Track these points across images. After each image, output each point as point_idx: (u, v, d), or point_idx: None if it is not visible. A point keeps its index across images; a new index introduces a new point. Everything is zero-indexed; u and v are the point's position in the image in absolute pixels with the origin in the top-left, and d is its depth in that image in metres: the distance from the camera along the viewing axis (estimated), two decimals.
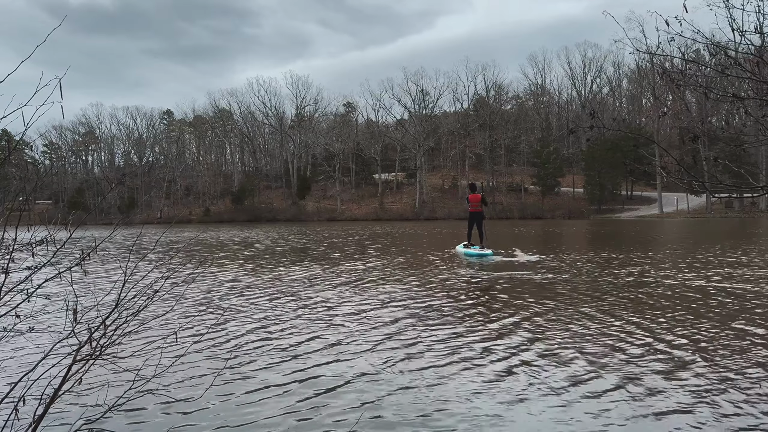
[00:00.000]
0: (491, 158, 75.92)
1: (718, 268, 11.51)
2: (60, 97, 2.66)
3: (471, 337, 5.98)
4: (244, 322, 6.99)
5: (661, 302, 7.77)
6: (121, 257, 14.67)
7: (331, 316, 7.22)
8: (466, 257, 14.93)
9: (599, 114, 20.97)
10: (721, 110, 50.25)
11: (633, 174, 66.64)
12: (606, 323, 6.48)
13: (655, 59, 4.60)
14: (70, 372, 2.72)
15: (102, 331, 2.82)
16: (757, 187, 4.05)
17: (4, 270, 2.74)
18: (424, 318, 7.00)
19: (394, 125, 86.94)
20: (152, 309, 4.26)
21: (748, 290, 8.62)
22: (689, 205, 59.75)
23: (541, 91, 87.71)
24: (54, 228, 3.02)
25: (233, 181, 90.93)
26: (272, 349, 5.60)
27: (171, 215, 77.72)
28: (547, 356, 5.17)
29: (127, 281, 3.00)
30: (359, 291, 9.37)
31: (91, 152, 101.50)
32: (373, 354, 5.36)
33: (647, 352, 5.22)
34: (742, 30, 3.55)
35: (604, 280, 10.12)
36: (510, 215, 65.83)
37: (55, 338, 3.25)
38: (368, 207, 77.72)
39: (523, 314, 7.10)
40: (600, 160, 64.10)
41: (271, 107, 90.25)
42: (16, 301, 2.84)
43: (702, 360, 4.95)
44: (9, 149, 3.03)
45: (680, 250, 16.22)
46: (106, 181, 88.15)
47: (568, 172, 72.36)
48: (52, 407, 2.78)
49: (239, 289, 9.86)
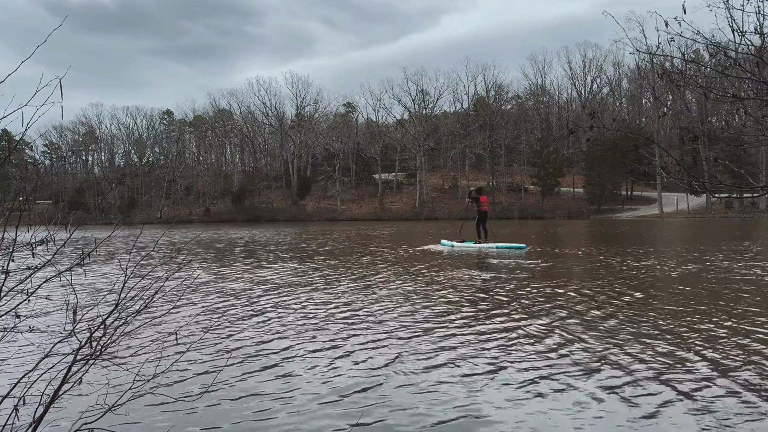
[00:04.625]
0: (491, 158, 75.91)
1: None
2: (60, 97, 2.66)
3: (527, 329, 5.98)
4: (244, 322, 6.99)
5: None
6: (122, 257, 14.67)
7: (331, 317, 7.21)
8: (499, 249, 16.68)
9: (599, 114, 20.89)
10: (721, 110, 50.22)
11: (633, 174, 66.62)
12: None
13: (655, 59, 4.60)
14: (70, 372, 2.71)
15: (102, 331, 2.82)
16: (757, 187, 4.05)
17: (4, 270, 2.74)
18: (479, 305, 7.00)
19: (394, 125, 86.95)
20: (152, 309, 4.26)
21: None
22: (689, 205, 59.75)
23: (541, 91, 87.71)
24: (54, 228, 3.02)
25: (233, 181, 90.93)
26: (273, 350, 5.60)
27: (171, 215, 77.67)
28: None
29: (127, 281, 3.00)
30: (362, 291, 9.37)
31: (91, 152, 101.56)
32: (374, 354, 5.36)
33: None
34: (742, 30, 3.55)
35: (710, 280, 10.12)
36: (510, 215, 65.83)
37: (55, 338, 3.25)
38: (368, 207, 77.73)
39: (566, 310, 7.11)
40: (600, 160, 64.10)
41: (271, 107, 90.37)
42: (16, 301, 2.84)
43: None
44: (9, 149, 3.02)
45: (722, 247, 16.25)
46: (106, 181, 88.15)
47: (568, 172, 72.34)
48: (52, 407, 2.78)
49: (240, 289, 9.85)
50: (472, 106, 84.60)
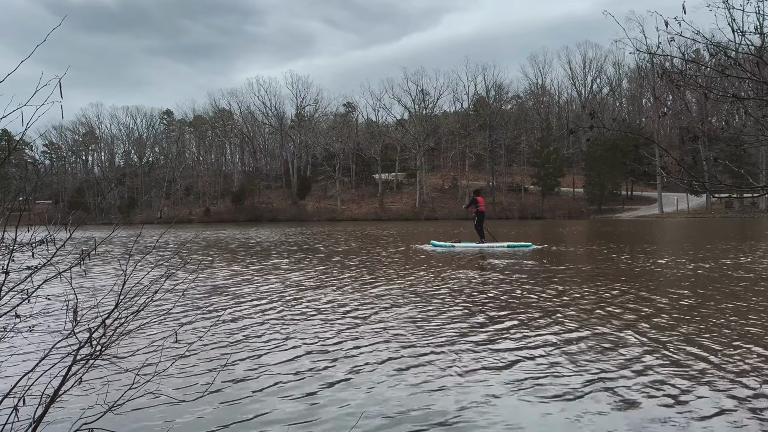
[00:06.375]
0: (491, 158, 75.93)
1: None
2: (60, 97, 2.66)
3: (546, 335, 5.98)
4: (244, 322, 6.98)
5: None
6: (122, 257, 14.67)
7: (333, 317, 7.21)
8: (510, 248, 17.35)
9: (599, 114, 20.91)
10: (721, 110, 50.26)
11: (633, 174, 66.67)
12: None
13: (655, 59, 4.60)
14: (70, 372, 2.71)
15: (102, 331, 2.82)
16: (757, 187, 4.05)
17: (4, 270, 2.74)
18: (488, 308, 7.01)
19: (394, 125, 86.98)
20: (153, 309, 4.26)
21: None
22: (689, 205, 59.78)
23: (541, 91, 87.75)
24: (54, 228, 3.02)
25: (233, 181, 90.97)
26: (273, 350, 5.59)
27: (171, 215, 77.69)
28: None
29: (127, 281, 3.00)
30: (364, 292, 9.37)
31: (91, 152, 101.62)
32: (378, 356, 5.36)
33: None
34: (742, 30, 3.55)
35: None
36: (510, 215, 65.85)
37: (55, 338, 3.25)
38: (368, 207, 77.76)
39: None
40: (600, 160, 64.14)
41: (271, 107, 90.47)
42: (16, 301, 2.84)
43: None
44: (9, 149, 3.03)
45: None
46: (106, 181, 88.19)
47: (568, 172, 72.38)
48: (52, 407, 2.78)
49: (240, 289, 9.85)
50: (472, 106, 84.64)
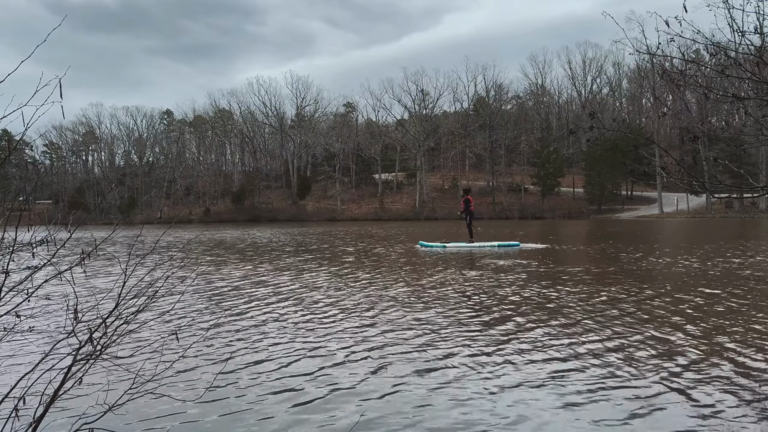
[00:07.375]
0: (491, 158, 75.91)
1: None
2: (60, 97, 2.66)
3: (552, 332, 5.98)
4: (245, 322, 6.98)
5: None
6: (122, 257, 14.65)
7: (334, 317, 7.21)
8: (498, 248, 17.70)
9: (599, 114, 20.92)
10: (721, 110, 50.28)
11: (633, 174, 66.64)
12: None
13: (655, 59, 4.60)
14: (70, 372, 2.71)
15: (102, 331, 2.82)
16: (757, 187, 4.06)
17: (4, 270, 2.74)
18: (490, 312, 7.01)
19: (394, 125, 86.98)
20: (153, 309, 4.26)
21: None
22: (689, 205, 59.77)
23: (541, 91, 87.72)
24: (54, 228, 3.02)
25: (233, 181, 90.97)
26: (273, 350, 5.59)
27: (171, 215, 77.68)
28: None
29: (127, 281, 3.00)
30: (365, 293, 9.37)
31: (91, 152, 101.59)
32: (380, 357, 5.36)
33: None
34: (742, 30, 3.55)
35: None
36: (510, 215, 65.84)
37: (55, 338, 3.25)
38: (368, 207, 77.74)
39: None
40: (600, 160, 64.11)
41: (271, 107, 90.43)
42: (16, 301, 2.84)
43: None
44: (9, 149, 3.03)
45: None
46: (106, 181, 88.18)
47: (568, 172, 72.35)
48: (52, 407, 2.78)
49: (241, 290, 9.85)
50: (472, 106, 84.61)
